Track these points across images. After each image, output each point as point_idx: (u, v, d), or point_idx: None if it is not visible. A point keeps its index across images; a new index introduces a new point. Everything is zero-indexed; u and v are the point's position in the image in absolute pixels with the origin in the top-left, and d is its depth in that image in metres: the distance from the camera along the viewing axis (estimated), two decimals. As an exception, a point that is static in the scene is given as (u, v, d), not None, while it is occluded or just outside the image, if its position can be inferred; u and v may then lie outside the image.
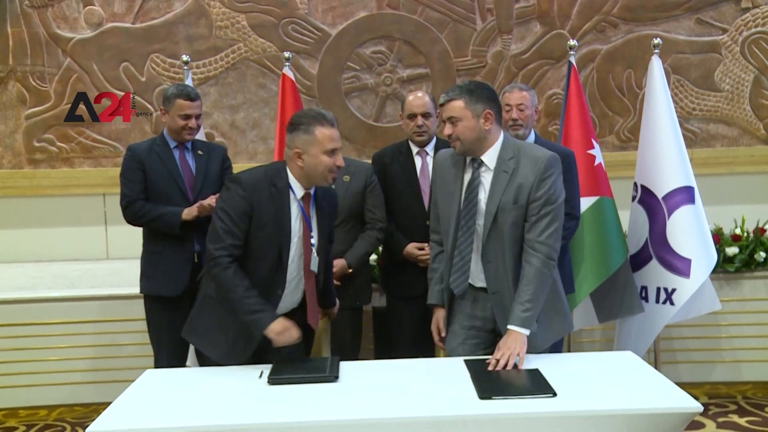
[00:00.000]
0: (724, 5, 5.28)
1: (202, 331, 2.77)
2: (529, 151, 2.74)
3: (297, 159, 2.69)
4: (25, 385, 4.16)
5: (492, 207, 2.71)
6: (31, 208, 5.35)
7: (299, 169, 2.70)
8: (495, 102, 2.74)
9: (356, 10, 5.32)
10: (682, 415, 2.19)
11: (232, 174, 2.76)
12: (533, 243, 2.67)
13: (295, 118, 2.77)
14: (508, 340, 2.62)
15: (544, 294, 2.68)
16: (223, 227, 2.64)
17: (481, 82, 2.86)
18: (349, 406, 2.28)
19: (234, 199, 2.65)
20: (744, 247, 4.34)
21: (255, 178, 2.71)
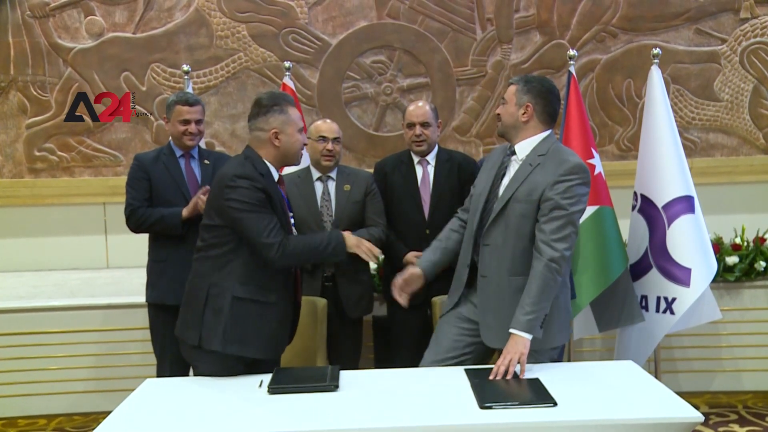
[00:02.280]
0: (724, 16, 5.30)
1: (243, 336, 2.70)
2: (560, 154, 2.77)
3: (274, 140, 2.74)
4: (24, 395, 4.15)
5: (507, 194, 2.75)
6: (32, 218, 5.35)
7: (275, 149, 2.76)
8: (545, 99, 2.79)
9: (356, 19, 5.34)
10: (683, 424, 2.19)
11: (227, 175, 2.72)
12: (539, 243, 2.67)
13: (266, 100, 2.79)
14: (509, 345, 2.61)
15: (548, 298, 2.65)
16: (257, 217, 2.65)
17: (544, 78, 2.90)
18: (349, 415, 2.28)
19: (251, 191, 2.66)
20: (744, 256, 4.34)
21: (250, 169, 2.72)
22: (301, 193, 3.53)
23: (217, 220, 2.72)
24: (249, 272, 2.71)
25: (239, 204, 2.66)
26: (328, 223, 3.50)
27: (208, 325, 2.69)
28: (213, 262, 2.73)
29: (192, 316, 2.74)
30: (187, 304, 2.80)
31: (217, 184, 2.76)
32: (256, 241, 2.65)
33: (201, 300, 2.72)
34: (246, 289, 2.70)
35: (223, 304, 2.69)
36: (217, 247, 2.73)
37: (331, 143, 3.51)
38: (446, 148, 3.91)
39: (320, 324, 3.34)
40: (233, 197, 2.66)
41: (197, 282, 2.76)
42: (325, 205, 3.53)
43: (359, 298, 3.59)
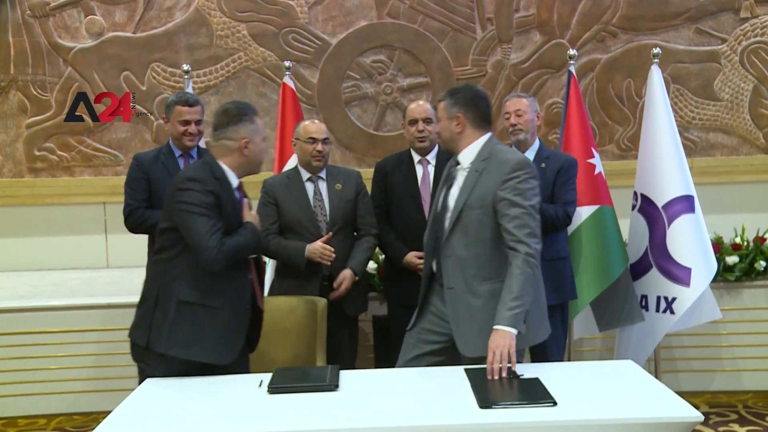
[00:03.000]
0: (724, 15, 5.30)
1: (187, 339, 2.70)
2: (501, 154, 2.80)
3: (244, 149, 2.77)
4: (24, 394, 4.15)
5: (459, 204, 2.77)
6: (32, 217, 5.35)
7: (243, 158, 2.79)
8: (474, 105, 2.83)
9: (356, 19, 5.34)
10: (683, 424, 2.19)
11: (180, 178, 2.73)
12: (510, 244, 2.68)
13: (234, 110, 2.81)
14: (495, 338, 2.59)
15: (528, 293, 2.64)
16: (200, 220, 2.65)
17: (467, 86, 2.96)
18: (349, 415, 2.28)
19: (200, 194, 2.67)
20: (744, 256, 4.34)
21: (203, 173, 2.73)
22: (293, 194, 3.53)
23: (169, 222, 2.73)
24: (196, 276, 2.70)
25: (187, 206, 2.66)
26: (322, 223, 3.50)
27: (156, 327, 2.70)
28: (165, 265, 2.73)
29: (143, 317, 2.75)
30: (139, 306, 2.81)
31: (171, 187, 2.76)
32: (196, 243, 2.65)
33: (151, 302, 2.72)
34: (192, 293, 2.70)
35: (170, 306, 2.69)
36: (168, 250, 2.73)
37: (320, 144, 3.51)
38: None
39: (320, 324, 3.33)
40: (182, 199, 2.67)
41: (149, 284, 2.79)
42: (318, 206, 3.53)
43: (357, 295, 3.60)
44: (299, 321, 3.36)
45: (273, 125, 5.14)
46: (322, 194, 3.55)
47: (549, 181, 3.58)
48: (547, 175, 3.59)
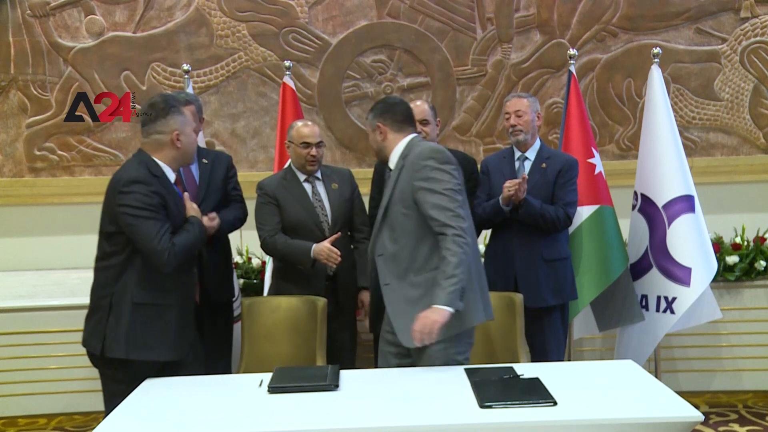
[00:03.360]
0: (724, 15, 5.29)
1: (146, 340, 2.70)
2: (415, 147, 2.87)
3: (176, 141, 2.77)
4: (24, 394, 4.15)
5: (384, 202, 2.87)
6: (32, 217, 5.35)
7: (175, 151, 2.79)
8: (389, 112, 2.96)
9: (356, 19, 5.33)
10: (683, 424, 2.19)
11: (120, 180, 2.72)
12: (436, 230, 2.73)
13: (162, 102, 2.81)
14: (427, 312, 2.62)
15: (463, 271, 2.66)
16: (149, 223, 2.66)
17: (383, 98, 3.13)
18: (349, 414, 2.28)
19: (145, 196, 2.67)
20: (744, 255, 4.35)
21: (143, 173, 2.72)
22: (293, 195, 3.52)
23: (113, 227, 2.73)
24: (148, 277, 2.71)
25: (132, 209, 2.67)
26: (325, 224, 3.50)
27: (112, 333, 2.68)
28: (114, 271, 2.73)
29: (97, 326, 2.73)
30: (91, 314, 2.79)
31: (111, 189, 2.75)
32: (147, 246, 2.66)
33: (105, 309, 2.71)
34: (145, 294, 2.71)
35: (124, 310, 2.69)
36: (116, 255, 2.74)
37: (314, 149, 3.52)
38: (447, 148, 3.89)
39: (320, 324, 3.33)
40: (126, 203, 2.67)
41: (100, 291, 2.76)
42: (319, 206, 3.53)
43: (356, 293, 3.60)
44: (299, 321, 3.37)
45: (273, 125, 5.15)
46: (321, 195, 3.56)
47: (549, 182, 3.59)
48: (548, 176, 3.59)
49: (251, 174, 5.08)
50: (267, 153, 5.30)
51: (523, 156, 3.68)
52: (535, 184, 3.58)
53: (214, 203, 3.50)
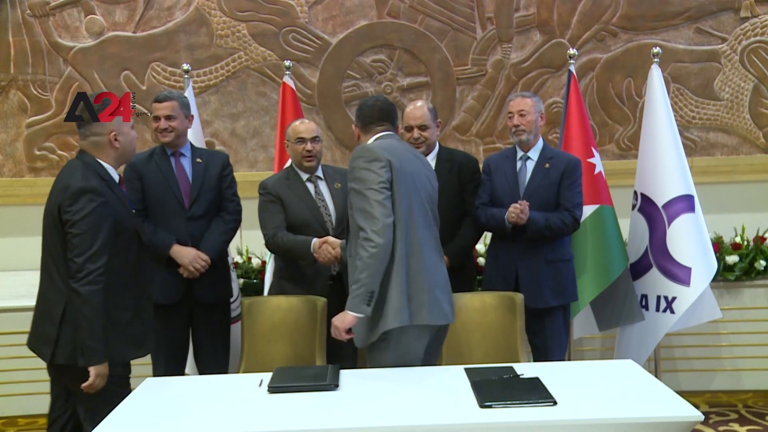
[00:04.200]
0: (724, 15, 5.29)
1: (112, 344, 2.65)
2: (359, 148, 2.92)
3: (114, 141, 2.74)
4: (24, 394, 4.15)
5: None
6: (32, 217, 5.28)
7: (114, 151, 2.75)
8: (359, 113, 3.02)
9: (356, 19, 5.33)
10: (683, 423, 2.19)
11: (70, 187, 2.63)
12: (357, 232, 2.78)
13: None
14: (338, 315, 2.78)
15: (369, 275, 2.69)
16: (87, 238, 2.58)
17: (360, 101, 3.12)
18: (349, 414, 2.28)
19: (93, 206, 2.60)
20: (744, 255, 4.35)
21: (94, 181, 2.65)
22: (297, 195, 3.52)
23: (61, 232, 2.63)
24: (118, 283, 2.65)
25: (75, 220, 2.58)
26: (328, 223, 3.51)
27: (65, 341, 2.61)
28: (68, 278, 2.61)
29: (47, 331, 2.65)
30: (41, 318, 2.71)
31: (59, 194, 2.65)
32: (77, 260, 2.56)
33: (57, 317, 2.63)
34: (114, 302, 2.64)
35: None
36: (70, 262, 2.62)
37: (309, 143, 3.51)
38: (447, 147, 3.89)
39: (320, 324, 3.33)
40: (73, 210, 2.59)
41: (52, 296, 2.66)
42: (322, 205, 3.53)
43: None
44: (299, 321, 3.37)
45: (273, 125, 5.14)
46: (323, 194, 3.56)
47: (553, 183, 3.57)
48: (551, 177, 3.58)
49: (251, 174, 5.08)
50: (267, 153, 5.30)
51: (525, 156, 3.66)
52: (539, 186, 3.57)
53: (206, 203, 3.51)
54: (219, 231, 3.53)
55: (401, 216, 2.78)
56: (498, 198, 3.63)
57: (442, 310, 2.83)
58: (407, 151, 2.96)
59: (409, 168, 2.86)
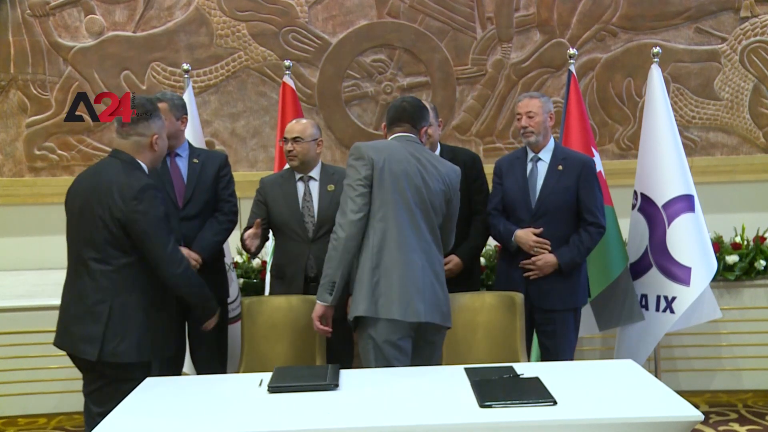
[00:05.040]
0: (724, 14, 5.29)
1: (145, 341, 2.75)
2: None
3: (154, 144, 2.82)
4: (24, 393, 4.15)
5: None
6: (32, 216, 5.34)
7: (152, 154, 2.84)
8: (388, 114, 3.12)
9: (356, 18, 5.33)
10: (683, 423, 2.19)
11: (128, 185, 2.72)
12: None
13: (147, 105, 2.84)
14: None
15: (330, 266, 2.91)
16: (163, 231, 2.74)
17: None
18: (349, 414, 2.28)
19: (157, 203, 2.74)
20: (744, 255, 4.35)
21: (148, 179, 2.78)
22: (283, 194, 3.52)
23: (119, 232, 2.70)
24: (152, 281, 2.74)
25: (150, 218, 2.70)
26: (309, 224, 3.49)
27: (112, 338, 2.68)
28: (116, 275, 2.71)
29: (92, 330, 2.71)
30: (80, 319, 2.76)
31: (107, 193, 2.71)
32: (161, 253, 2.71)
33: (104, 315, 2.70)
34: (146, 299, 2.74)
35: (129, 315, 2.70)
36: (120, 258, 2.72)
37: (290, 143, 3.50)
38: (450, 146, 3.86)
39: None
40: (143, 209, 2.69)
41: (99, 296, 2.72)
42: (306, 206, 3.51)
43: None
44: (299, 321, 3.37)
45: (273, 124, 5.14)
46: (312, 195, 3.53)
47: (567, 187, 3.49)
48: (564, 180, 3.50)
49: (251, 174, 5.08)
50: (267, 152, 5.30)
51: (536, 157, 3.58)
52: (552, 191, 3.49)
53: (201, 204, 3.49)
54: (212, 231, 3.52)
55: (377, 214, 2.90)
56: (509, 202, 3.57)
57: (414, 308, 2.87)
58: (407, 153, 2.97)
59: (396, 168, 2.92)
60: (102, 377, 2.77)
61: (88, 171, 2.91)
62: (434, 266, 2.97)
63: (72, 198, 2.86)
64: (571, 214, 3.51)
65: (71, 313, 2.79)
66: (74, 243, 2.82)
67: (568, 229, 3.50)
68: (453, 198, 3.08)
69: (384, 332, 2.86)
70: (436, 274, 2.96)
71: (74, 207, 2.82)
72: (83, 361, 2.78)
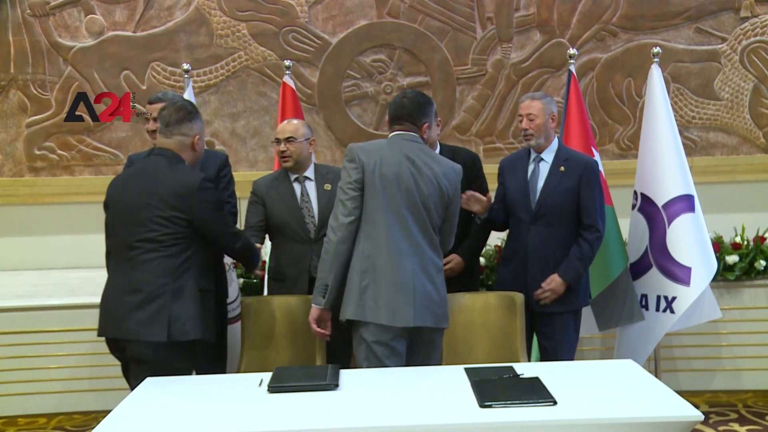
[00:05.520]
0: (724, 14, 5.29)
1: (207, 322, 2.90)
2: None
3: (195, 144, 2.95)
4: (24, 393, 4.15)
5: None
6: (32, 216, 5.35)
7: (193, 153, 2.97)
8: (389, 109, 3.13)
9: (356, 18, 5.34)
10: (683, 423, 2.19)
11: (193, 177, 2.88)
12: None
13: (190, 106, 2.99)
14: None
15: (323, 269, 2.94)
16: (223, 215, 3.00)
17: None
18: (349, 414, 2.28)
19: (216, 193, 3.01)
20: (744, 255, 4.34)
21: (198, 173, 2.96)
22: (280, 195, 3.51)
23: (182, 221, 2.81)
24: (207, 265, 2.95)
25: (212, 205, 2.89)
26: (310, 225, 3.48)
27: (178, 318, 2.78)
28: (173, 261, 2.81)
29: (156, 313, 2.77)
30: (142, 303, 2.80)
31: (178, 189, 2.83)
32: (225, 232, 2.95)
33: (166, 296, 2.79)
34: (203, 281, 2.89)
35: (187, 296, 2.82)
36: (176, 245, 2.82)
37: (283, 144, 3.49)
38: (449, 145, 3.84)
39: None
40: (207, 199, 2.87)
41: (159, 280, 2.80)
42: (305, 206, 3.50)
43: None
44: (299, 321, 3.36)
45: (273, 124, 5.14)
46: (309, 195, 3.52)
47: (569, 188, 3.44)
48: (566, 182, 3.45)
49: (251, 173, 5.07)
50: (267, 152, 5.31)
51: (538, 157, 3.53)
52: (552, 192, 3.45)
53: None
54: None
55: (368, 218, 2.90)
56: (510, 202, 3.54)
57: (402, 313, 2.86)
58: (400, 155, 2.93)
59: (387, 171, 2.90)
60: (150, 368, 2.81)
61: (135, 168, 3.07)
62: (427, 269, 2.93)
63: (120, 194, 2.95)
64: (571, 215, 3.49)
65: (126, 301, 2.83)
66: (124, 237, 2.89)
67: (568, 231, 3.48)
68: (453, 198, 3.03)
69: (374, 334, 2.87)
70: (429, 276, 2.93)
71: (124, 203, 2.91)
72: (141, 348, 2.79)
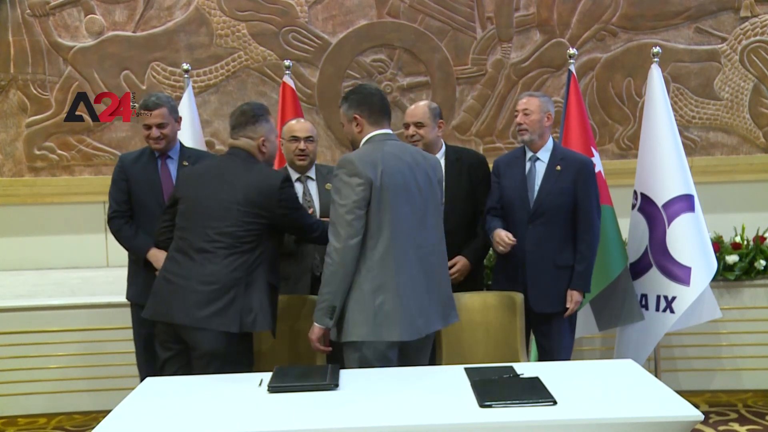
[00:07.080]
0: (724, 14, 5.30)
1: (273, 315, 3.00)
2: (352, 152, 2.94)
3: (262, 147, 3.01)
4: (24, 393, 4.15)
5: None
6: (32, 216, 5.35)
7: (261, 155, 3.03)
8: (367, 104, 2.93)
9: (356, 18, 5.34)
10: (683, 423, 2.19)
11: (274, 178, 2.98)
12: None
13: (258, 110, 3.04)
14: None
15: (329, 290, 2.78)
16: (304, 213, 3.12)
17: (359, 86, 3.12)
18: (349, 414, 2.28)
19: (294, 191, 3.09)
20: (744, 255, 4.34)
21: (277, 172, 3.12)
22: None
23: (261, 218, 2.92)
24: (275, 260, 3.04)
25: (293, 202, 3.01)
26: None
27: (248, 310, 2.89)
28: (247, 255, 2.91)
29: (228, 304, 2.86)
30: (214, 295, 2.86)
31: (261, 187, 2.93)
32: (306, 225, 3.06)
33: (239, 289, 2.89)
34: (272, 276, 2.99)
35: (257, 289, 2.92)
36: (253, 242, 2.92)
37: (303, 142, 3.48)
38: (454, 146, 3.80)
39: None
40: (288, 197, 2.98)
41: (233, 274, 2.89)
42: (307, 206, 3.50)
43: None
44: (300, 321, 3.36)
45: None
46: (311, 195, 3.53)
47: (564, 188, 3.44)
48: (562, 181, 3.45)
49: (251, 173, 5.07)
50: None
51: (534, 156, 3.53)
52: (550, 191, 3.45)
53: None
54: None
55: (375, 234, 2.77)
56: (507, 202, 3.53)
57: (415, 326, 2.82)
58: (397, 161, 2.84)
59: (391, 183, 2.78)
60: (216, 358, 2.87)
61: (206, 165, 3.15)
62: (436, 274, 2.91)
63: (196, 190, 3.01)
64: (568, 214, 3.48)
65: (200, 291, 2.87)
66: (201, 230, 2.94)
67: (565, 230, 3.48)
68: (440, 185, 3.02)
69: (376, 350, 2.80)
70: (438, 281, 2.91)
71: (202, 198, 2.97)
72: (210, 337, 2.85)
